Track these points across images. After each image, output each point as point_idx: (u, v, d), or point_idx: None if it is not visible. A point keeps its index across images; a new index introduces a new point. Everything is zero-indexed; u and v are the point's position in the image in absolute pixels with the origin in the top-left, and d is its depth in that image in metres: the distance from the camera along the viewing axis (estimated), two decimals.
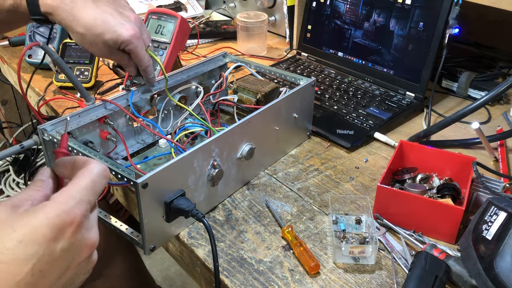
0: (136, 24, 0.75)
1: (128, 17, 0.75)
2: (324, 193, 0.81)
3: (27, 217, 0.37)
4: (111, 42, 0.73)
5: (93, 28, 0.72)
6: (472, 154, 0.90)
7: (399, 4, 1.06)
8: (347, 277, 0.65)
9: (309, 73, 1.19)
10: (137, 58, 0.77)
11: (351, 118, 0.99)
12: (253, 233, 0.73)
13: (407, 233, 0.71)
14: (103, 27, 0.72)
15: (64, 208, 0.39)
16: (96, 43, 0.73)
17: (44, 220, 0.37)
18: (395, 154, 0.79)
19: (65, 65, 0.72)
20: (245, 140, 0.78)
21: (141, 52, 0.76)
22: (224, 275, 0.66)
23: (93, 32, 0.72)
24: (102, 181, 0.43)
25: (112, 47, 0.74)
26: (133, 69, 0.80)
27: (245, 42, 1.34)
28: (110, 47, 0.74)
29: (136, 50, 0.75)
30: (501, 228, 0.59)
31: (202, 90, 0.88)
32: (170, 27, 0.99)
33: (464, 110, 0.82)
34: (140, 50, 0.76)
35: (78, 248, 0.40)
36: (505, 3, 0.87)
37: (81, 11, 0.72)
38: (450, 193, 0.74)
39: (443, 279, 0.60)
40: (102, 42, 0.73)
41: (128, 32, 0.73)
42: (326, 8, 1.20)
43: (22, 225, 0.37)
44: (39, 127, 0.71)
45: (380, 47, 1.11)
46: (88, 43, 0.74)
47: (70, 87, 1.12)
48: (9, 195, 1.86)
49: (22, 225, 0.37)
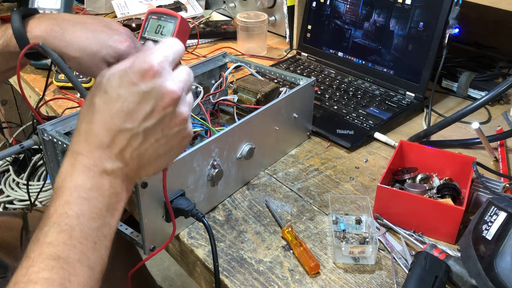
0: (127, 35, 0.75)
1: (118, 29, 0.75)
2: (324, 193, 0.81)
3: (118, 68, 0.47)
4: (109, 57, 0.72)
5: (88, 49, 0.71)
6: (472, 154, 0.90)
7: (399, 4, 1.06)
8: (347, 277, 0.65)
9: (309, 73, 1.19)
10: None
11: (351, 118, 0.99)
12: (253, 233, 0.73)
13: (407, 233, 0.71)
14: (98, 45, 0.72)
15: (142, 58, 0.47)
16: (95, 63, 0.72)
17: (128, 68, 0.47)
18: (395, 154, 0.79)
19: (65, 65, 0.72)
20: (245, 140, 0.78)
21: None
22: (224, 275, 0.66)
23: (89, 52, 0.71)
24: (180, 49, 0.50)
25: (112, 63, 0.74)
26: None
27: (245, 42, 1.34)
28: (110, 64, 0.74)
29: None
30: (501, 228, 0.59)
31: (202, 90, 0.88)
32: (170, 27, 0.99)
33: (464, 110, 0.82)
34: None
35: (159, 93, 0.47)
36: (505, 3, 0.87)
37: (72, 35, 0.71)
38: (450, 193, 0.74)
39: (443, 279, 0.60)
40: (100, 60, 0.72)
41: (124, 43, 0.73)
42: (326, 8, 1.20)
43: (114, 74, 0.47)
44: (39, 127, 0.71)
45: (380, 47, 1.11)
46: (87, 65, 0.72)
47: (70, 87, 1.12)
48: (9, 195, 1.86)
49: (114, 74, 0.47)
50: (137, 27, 1.37)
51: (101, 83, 0.48)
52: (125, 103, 0.46)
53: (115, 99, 0.47)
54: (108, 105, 0.47)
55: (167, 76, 0.48)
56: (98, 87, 0.48)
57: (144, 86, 0.46)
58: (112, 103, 0.47)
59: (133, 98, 0.46)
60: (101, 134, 0.47)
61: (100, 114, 0.47)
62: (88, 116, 0.48)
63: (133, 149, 0.49)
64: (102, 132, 0.47)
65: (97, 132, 0.47)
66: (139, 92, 0.46)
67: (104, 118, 0.47)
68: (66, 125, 0.74)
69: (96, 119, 0.47)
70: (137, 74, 0.46)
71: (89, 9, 1.59)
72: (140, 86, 0.46)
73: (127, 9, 1.54)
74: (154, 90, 0.47)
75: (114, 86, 0.47)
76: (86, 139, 0.48)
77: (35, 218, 1.05)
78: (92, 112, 0.48)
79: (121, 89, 0.46)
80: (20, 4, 1.77)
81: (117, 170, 0.49)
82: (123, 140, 0.48)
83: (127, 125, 0.47)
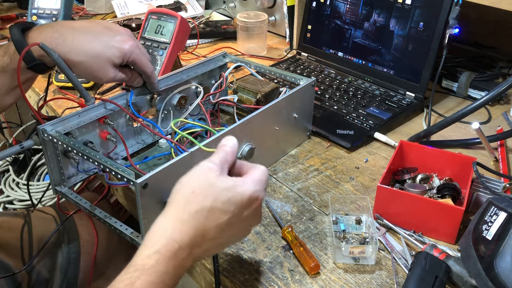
0: (128, 34, 0.75)
1: (119, 30, 0.75)
2: (324, 193, 0.81)
3: (235, 183, 0.53)
4: (115, 58, 0.73)
5: (92, 51, 0.71)
6: (472, 154, 0.90)
7: (399, 4, 1.05)
8: (347, 277, 0.65)
9: (309, 73, 1.19)
10: (141, 65, 0.77)
11: (351, 118, 0.99)
12: (253, 233, 0.73)
13: (407, 233, 0.71)
14: (102, 46, 0.72)
15: (257, 187, 0.54)
16: (101, 65, 0.72)
17: (245, 191, 0.53)
18: (395, 154, 0.79)
19: (65, 65, 0.72)
20: (245, 140, 0.78)
21: (144, 59, 0.77)
22: (224, 275, 0.66)
23: (94, 54, 0.71)
24: (267, 179, 0.57)
25: (117, 64, 0.74)
26: (139, 79, 0.80)
27: (245, 42, 1.34)
28: (115, 65, 0.74)
29: (139, 57, 0.76)
30: (501, 228, 0.59)
31: (202, 90, 0.88)
32: (170, 27, 0.99)
33: (464, 110, 0.82)
34: (142, 58, 0.76)
35: (254, 219, 0.57)
36: (505, 3, 0.87)
37: (74, 40, 0.71)
38: (450, 193, 0.74)
39: (443, 279, 0.60)
40: (105, 61, 0.72)
41: (127, 43, 0.73)
42: (326, 8, 1.20)
43: (232, 189, 0.53)
44: (39, 127, 0.71)
45: (380, 47, 1.11)
46: (93, 69, 0.72)
47: (70, 87, 1.12)
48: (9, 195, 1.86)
49: (232, 189, 0.53)
50: (137, 27, 1.37)
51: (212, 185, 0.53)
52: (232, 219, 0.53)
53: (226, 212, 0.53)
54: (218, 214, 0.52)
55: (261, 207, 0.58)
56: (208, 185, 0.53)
57: (250, 210, 0.55)
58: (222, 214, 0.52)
59: (238, 217, 0.54)
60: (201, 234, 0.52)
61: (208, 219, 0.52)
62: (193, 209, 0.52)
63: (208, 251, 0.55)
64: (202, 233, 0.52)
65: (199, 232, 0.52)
66: (245, 214, 0.54)
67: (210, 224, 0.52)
68: (66, 125, 0.74)
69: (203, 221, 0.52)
70: (250, 199, 0.54)
71: (89, 9, 1.59)
72: (248, 209, 0.54)
73: (127, 9, 1.54)
74: (255, 213, 0.56)
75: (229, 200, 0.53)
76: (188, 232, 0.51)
77: (37, 218, 1.05)
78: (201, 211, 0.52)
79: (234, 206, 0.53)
80: (20, 4, 1.77)
81: (196, 259, 0.54)
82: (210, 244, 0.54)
83: (223, 234, 0.54)
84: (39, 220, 1.05)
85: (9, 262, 0.93)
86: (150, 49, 1.01)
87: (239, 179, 0.54)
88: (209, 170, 0.53)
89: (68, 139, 0.70)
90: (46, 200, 1.86)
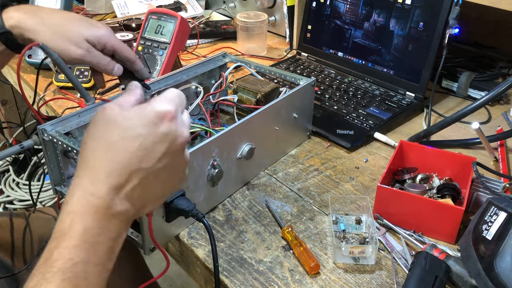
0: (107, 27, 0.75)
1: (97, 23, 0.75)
2: (324, 193, 0.81)
3: (136, 110, 0.48)
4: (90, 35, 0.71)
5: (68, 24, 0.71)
6: (472, 154, 0.90)
7: (399, 4, 1.06)
8: (347, 277, 0.65)
9: (309, 73, 1.19)
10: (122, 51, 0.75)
11: (351, 118, 0.99)
12: (253, 233, 0.73)
13: (407, 233, 0.71)
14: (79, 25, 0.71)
15: (164, 103, 0.49)
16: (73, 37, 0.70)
17: (149, 110, 0.48)
18: (395, 154, 0.79)
19: (65, 65, 0.72)
20: (245, 140, 0.78)
21: (124, 46, 0.75)
22: (224, 275, 0.66)
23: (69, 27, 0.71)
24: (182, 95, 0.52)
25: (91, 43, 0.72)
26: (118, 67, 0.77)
27: (245, 42, 1.34)
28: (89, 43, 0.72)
29: (119, 44, 0.74)
30: (501, 228, 0.59)
31: (202, 90, 0.88)
32: (170, 27, 0.99)
33: (464, 110, 0.82)
34: (122, 44, 0.75)
35: (174, 135, 0.49)
36: (505, 3, 0.87)
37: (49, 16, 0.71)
38: (450, 193, 0.74)
39: (443, 279, 0.60)
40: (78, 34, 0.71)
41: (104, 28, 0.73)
42: (326, 8, 1.20)
43: (133, 115, 0.48)
44: (39, 127, 0.71)
45: (380, 47, 1.11)
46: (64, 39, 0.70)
47: (70, 87, 1.12)
48: (9, 195, 1.86)
49: (133, 115, 0.48)
50: (137, 27, 1.36)
51: (112, 120, 0.48)
52: (144, 142, 0.47)
53: (135, 138, 0.47)
54: (127, 143, 0.47)
55: (180, 121, 0.50)
56: (109, 122, 0.48)
57: (163, 127, 0.48)
58: (131, 142, 0.47)
59: (152, 138, 0.47)
60: (118, 173, 0.46)
61: (118, 152, 0.47)
62: (101, 152, 0.47)
63: (142, 189, 0.48)
64: (119, 172, 0.46)
65: (114, 171, 0.46)
66: (158, 133, 0.48)
67: (122, 156, 0.47)
68: (66, 125, 0.74)
69: (113, 157, 0.47)
70: (157, 116, 0.48)
71: (89, 9, 1.59)
72: (159, 127, 0.48)
73: (127, 9, 1.54)
74: (170, 132, 0.48)
75: (134, 125, 0.47)
76: (101, 178, 0.46)
77: (37, 218, 1.05)
78: (108, 149, 0.47)
79: (141, 129, 0.47)
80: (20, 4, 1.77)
81: (124, 212, 0.48)
82: (135, 180, 0.47)
83: (143, 164, 0.47)
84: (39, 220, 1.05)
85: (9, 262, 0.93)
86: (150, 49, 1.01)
87: (142, 105, 0.49)
88: (103, 111, 0.48)
89: (68, 139, 0.70)
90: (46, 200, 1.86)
